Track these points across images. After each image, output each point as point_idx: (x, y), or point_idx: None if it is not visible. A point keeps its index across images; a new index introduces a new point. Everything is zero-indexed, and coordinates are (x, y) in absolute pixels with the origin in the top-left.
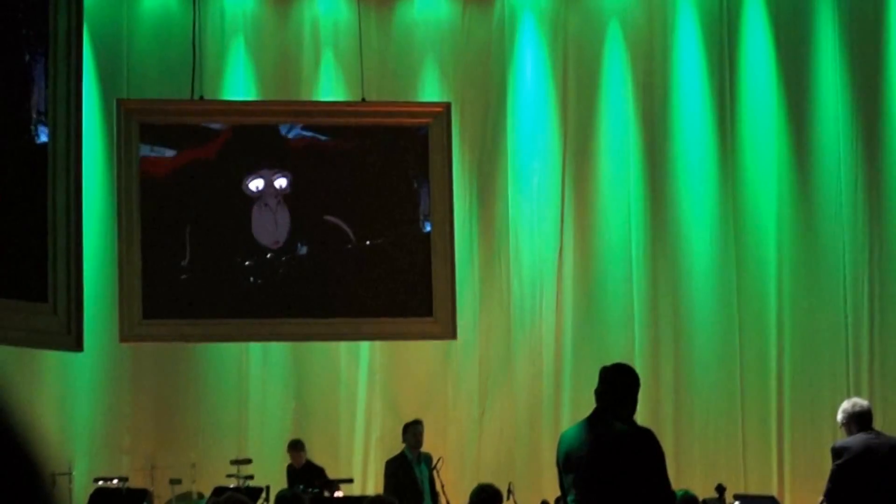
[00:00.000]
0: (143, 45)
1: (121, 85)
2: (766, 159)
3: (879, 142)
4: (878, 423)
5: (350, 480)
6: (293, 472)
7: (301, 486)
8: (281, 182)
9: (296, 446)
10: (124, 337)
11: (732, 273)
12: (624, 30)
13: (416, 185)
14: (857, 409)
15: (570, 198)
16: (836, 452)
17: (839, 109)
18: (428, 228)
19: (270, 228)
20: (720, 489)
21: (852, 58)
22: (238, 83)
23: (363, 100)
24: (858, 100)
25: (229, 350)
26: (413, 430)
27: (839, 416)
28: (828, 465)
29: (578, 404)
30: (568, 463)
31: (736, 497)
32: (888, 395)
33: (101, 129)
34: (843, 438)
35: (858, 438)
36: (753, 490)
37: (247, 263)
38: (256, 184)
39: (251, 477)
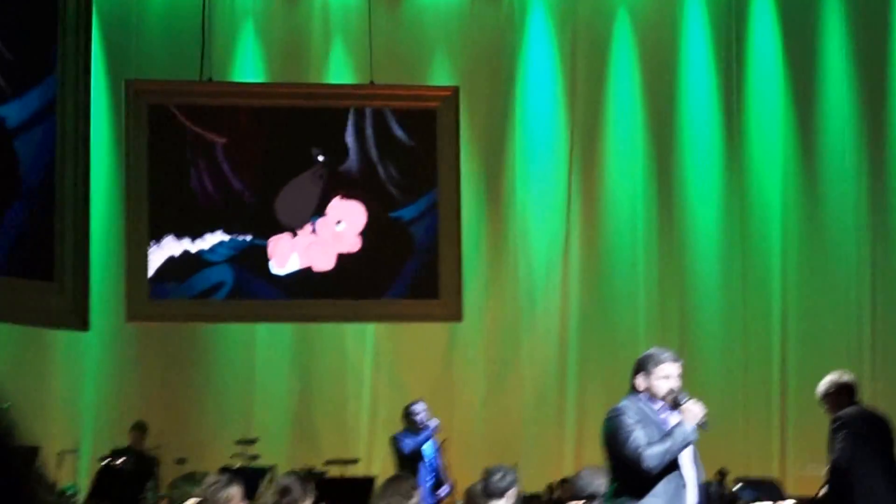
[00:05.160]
0: (152, 26)
1: (129, 66)
2: (773, 146)
3: (885, 129)
4: (880, 406)
5: (355, 461)
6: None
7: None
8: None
9: (139, 427)
10: (131, 317)
11: (738, 258)
12: (632, 17)
13: (424, 168)
14: (846, 380)
15: (576, 183)
16: (844, 423)
17: (845, 97)
18: (434, 212)
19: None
20: (721, 473)
21: (859, 46)
22: (247, 65)
23: (371, 83)
24: (864, 87)
25: (236, 331)
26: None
27: (825, 387)
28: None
29: (585, 387)
30: None
31: (737, 480)
32: (891, 378)
33: (108, 109)
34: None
35: (861, 409)
36: (755, 474)
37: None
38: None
39: (257, 457)
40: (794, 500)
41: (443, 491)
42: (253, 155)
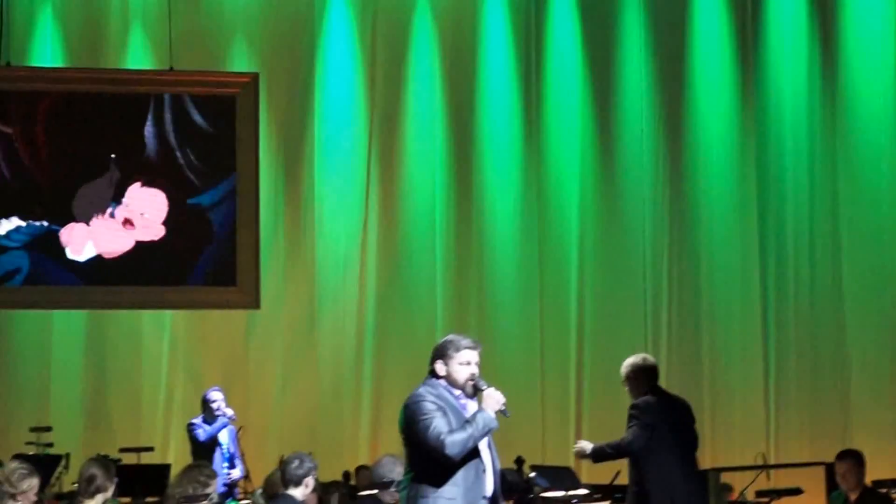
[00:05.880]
0: None
1: None
2: (571, 135)
3: (680, 117)
4: (675, 389)
5: (151, 449)
6: None
7: None
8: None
9: None
10: None
11: (535, 245)
12: (432, 6)
13: (223, 154)
14: (648, 363)
15: (375, 171)
16: (641, 410)
17: (643, 87)
18: (233, 198)
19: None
20: (519, 461)
21: (657, 36)
22: (46, 51)
23: (171, 69)
24: (661, 78)
25: (32, 317)
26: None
27: (626, 370)
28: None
29: (381, 375)
30: None
31: (533, 468)
32: (687, 363)
33: None
34: (639, 395)
35: (658, 396)
36: (551, 462)
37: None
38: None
39: (51, 444)
40: (587, 490)
41: (235, 472)
42: (49, 142)
